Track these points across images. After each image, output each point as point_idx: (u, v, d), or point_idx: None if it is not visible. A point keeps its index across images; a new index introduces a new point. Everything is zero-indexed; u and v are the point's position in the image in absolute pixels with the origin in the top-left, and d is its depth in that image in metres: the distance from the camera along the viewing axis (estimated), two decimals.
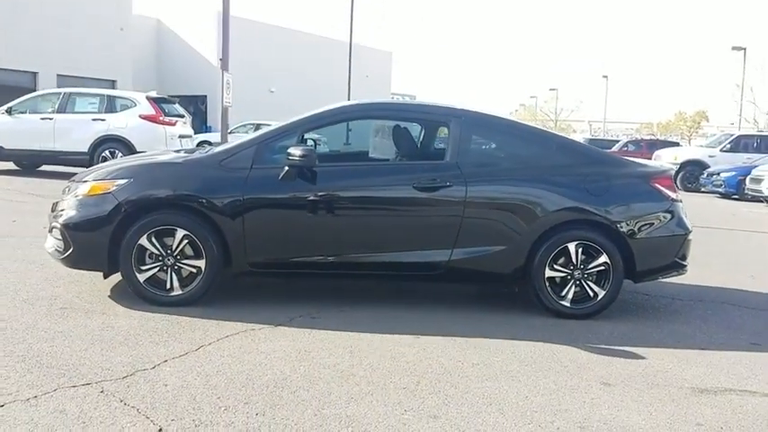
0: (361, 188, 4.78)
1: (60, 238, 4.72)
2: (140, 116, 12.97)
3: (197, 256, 4.64)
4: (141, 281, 4.64)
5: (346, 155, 5.42)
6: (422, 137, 5.36)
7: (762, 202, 18.02)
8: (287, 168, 4.64)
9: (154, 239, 4.61)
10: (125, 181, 4.63)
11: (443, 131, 5.03)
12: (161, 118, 13.07)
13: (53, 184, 12.17)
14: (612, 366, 3.97)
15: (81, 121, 13.00)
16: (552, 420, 3.17)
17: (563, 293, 4.88)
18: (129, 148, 12.88)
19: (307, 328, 4.40)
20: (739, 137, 24.26)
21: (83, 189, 4.71)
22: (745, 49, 47.04)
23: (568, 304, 4.89)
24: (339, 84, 48.19)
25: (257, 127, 26.18)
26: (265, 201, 4.68)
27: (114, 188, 4.62)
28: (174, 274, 4.66)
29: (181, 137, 13.69)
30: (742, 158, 22.06)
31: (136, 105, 13.14)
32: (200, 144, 15.08)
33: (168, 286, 4.66)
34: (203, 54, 40.95)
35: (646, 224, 4.93)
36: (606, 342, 4.44)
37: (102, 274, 4.89)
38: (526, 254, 4.82)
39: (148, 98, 13.28)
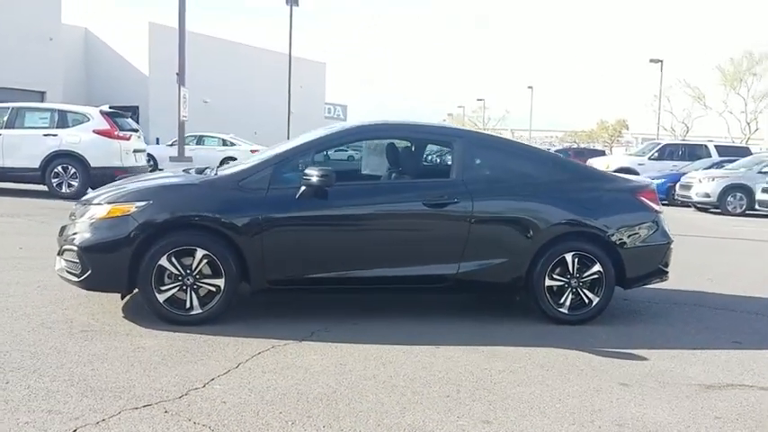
0: (376, 206, 4.99)
1: (77, 260, 4.73)
2: (94, 131, 12.73)
3: (216, 274, 4.74)
4: (161, 301, 4.70)
5: (355, 173, 5.59)
6: (426, 156, 5.61)
7: (690, 207, 19.13)
8: (304, 188, 4.80)
9: (174, 260, 4.68)
10: (144, 203, 4.69)
11: (446, 150, 5.28)
12: (116, 133, 12.86)
13: (7, 202, 11.85)
14: (623, 368, 4.31)
15: (31, 137, 12.66)
16: (592, 420, 3.46)
17: (561, 301, 5.21)
18: (82, 164, 12.64)
19: (329, 342, 4.56)
20: (665, 145, 25.59)
21: (100, 212, 4.73)
22: (661, 61, 49.52)
23: (566, 311, 5.22)
24: (275, 94, 48.06)
25: (199, 139, 25.90)
26: (283, 220, 4.82)
27: (134, 210, 4.67)
28: (193, 293, 4.74)
29: (135, 151, 13.51)
30: (668, 166, 23.34)
31: (89, 120, 12.89)
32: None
33: (188, 305, 4.73)
34: (134, 64, 40.13)
35: (634, 235, 5.33)
36: (606, 345, 4.78)
37: (110, 294, 4.92)
38: (527, 265, 5.12)
39: (102, 112, 13.05)
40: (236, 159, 25.34)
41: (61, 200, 12.38)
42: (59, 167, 12.63)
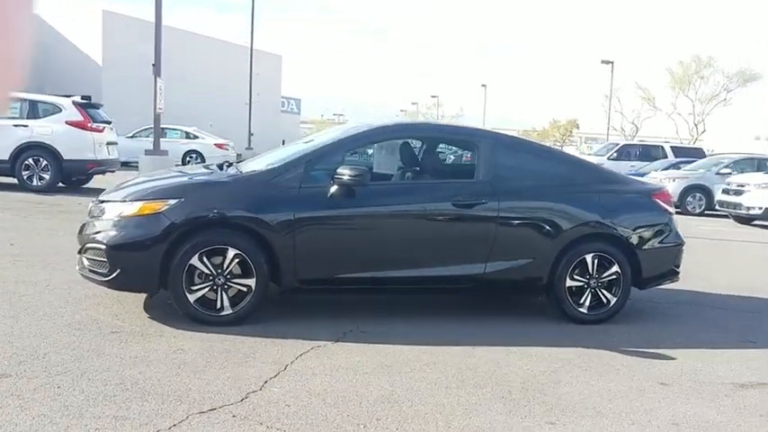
0: (406, 205, 5.00)
1: (104, 259, 4.61)
2: (67, 122, 12.34)
3: (247, 274, 4.68)
4: (192, 301, 4.62)
5: (382, 173, 5.58)
6: (445, 155, 5.65)
7: None
8: (336, 187, 4.78)
9: (205, 259, 4.61)
10: (176, 201, 4.60)
11: (469, 151, 5.32)
12: (89, 125, 12.50)
13: None
14: (656, 368, 4.43)
15: (0, 128, 12.19)
16: (648, 420, 3.55)
17: (581, 301, 5.32)
18: (54, 157, 12.26)
19: (365, 342, 4.55)
20: (624, 146, 26.27)
21: (129, 209, 4.62)
22: (612, 62, 50.73)
23: (585, 311, 5.33)
24: (232, 86, 47.43)
25: (162, 132, 25.27)
26: (316, 219, 4.79)
27: (166, 208, 4.57)
28: (223, 293, 4.67)
29: (108, 144, 13.17)
30: (627, 166, 23.95)
31: (61, 111, 12.49)
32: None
33: (219, 306, 4.67)
34: (88, 53, 39.03)
35: (651, 236, 5.48)
36: (630, 345, 4.90)
37: (128, 294, 4.81)
38: (550, 265, 5.21)
39: (75, 103, 12.66)
40: (199, 153, 24.97)
41: (33, 193, 12.00)
42: (30, 159, 12.22)
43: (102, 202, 4.95)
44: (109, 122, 13.46)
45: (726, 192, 16.88)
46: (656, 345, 4.94)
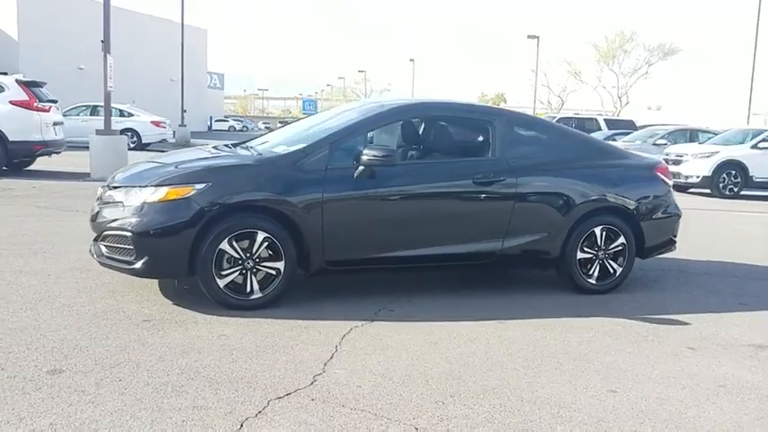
0: (430, 184, 5.03)
1: (129, 246, 4.45)
2: (11, 102, 11.71)
3: (275, 257, 4.62)
4: (221, 286, 4.53)
5: (404, 152, 5.55)
6: (461, 134, 5.67)
7: None
8: (362, 168, 4.76)
9: (235, 243, 4.52)
10: (204, 185, 4.47)
11: (484, 129, 5.38)
12: (35, 104, 11.89)
13: None
14: (678, 333, 4.65)
15: None
16: (696, 383, 3.74)
17: (590, 272, 5.51)
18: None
19: (400, 321, 4.58)
20: (560, 119, 26.91)
21: (155, 194, 4.46)
22: (538, 37, 51.83)
23: (594, 282, 5.53)
24: (156, 61, 45.88)
25: (93, 109, 24.36)
26: (343, 200, 4.76)
27: (194, 192, 4.45)
28: (252, 276, 4.60)
29: (55, 124, 12.58)
30: None
31: (4, 90, 11.83)
32: None
33: (248, 290, 4.60)
34: (2, 28, 36.89)
35: (653, 208, 5.71)
36: (642, 312, 5.11)
37: (142, 280, 4.68)
38: (563, 239, 5.36)
39: (18, 81, 12.02)
40: (135, 131, 24.12)
41: None
42: None
43: (117, 187, 4.77)
44: (55, 101, 12.85)
45: (666, 161, 17.61)
46: (664, 311, 5.17)
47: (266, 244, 4.57)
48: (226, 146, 5.84)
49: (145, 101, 41.06)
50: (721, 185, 15.89)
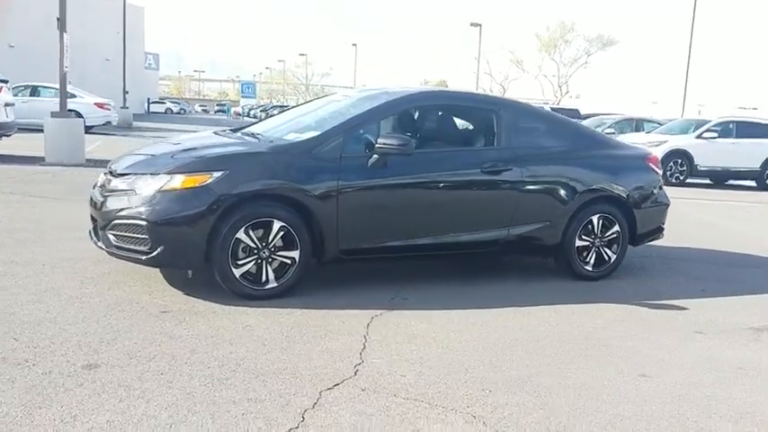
0: (443, 173, 5.05)
1: (144, 235, 4.32)
2: None
3: (290, 246, 4.57)
4: (237, 276, 4.46)
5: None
6: (467, 124, 5.71)
7: None
8: (376, 156, 4.75)
9: (251, 232, 4.45)
10: (221, 173, 4.37)
11: (490, 118, 5.42)
12: None
13: None
14: (681, 318, 4.83)
15: None
16: (718, 366, 3.89)
17: (587, 259, 5.66)
18: None
19: (417, 309, 4.60)
20: None
21: (172, 182, 4.34)
22: (480, 25, 52.39)
23: (591, 268, 5.68)
24: (91, 40, 44.19)
25: (33, 90, 23.38)
26: (358, 188, 4.73)
27: (211, 180, 4.34)
28: (268, 266, 4.54)
29: (6, 105, 12.02)
30: None
31: None
32: None
33: (263, 279, 4.53)
34: None
35: (646, 197, 5.89)
36: (640, 297, 5.26)
37: (144, 269, 4.56)
38: (564, 227, 5.49)
39: None
40: (78, 113, 23.22)
41: None
42: None
43: (124, 175, 4.61)
44: (5, 81, 12.27)
45: None
46: (659, 296, 5.35)
47: (282, 233, 4.51)
48: (224, 132, 5.72)
49: (78, 81, 39.62)
50: (668, 174, 16.45)
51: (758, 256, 7.38)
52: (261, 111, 73.97)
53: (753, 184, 17.39)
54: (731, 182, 17.72)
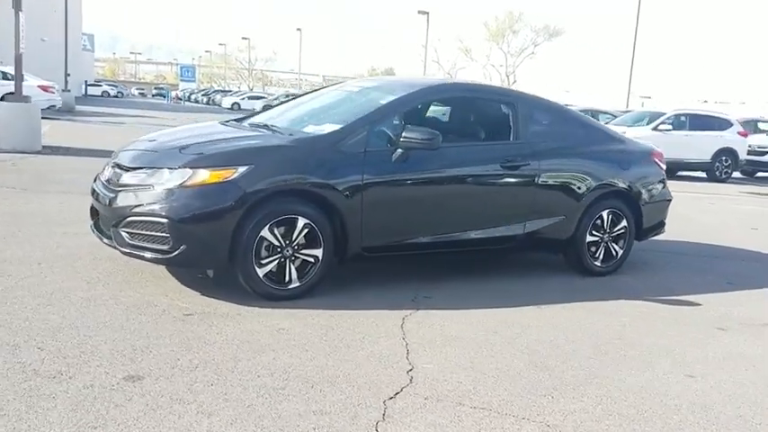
0: (465, 168, 4.94)
1: (165, 234, 4.06)
2: None
3: (313, 244, 4.39)
4: (261, 276, 4.26)
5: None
6: (482, 117, 5.59)
7: None
8: (400, 150, 4.60)
9: (275, 230, 4.25)
10: (246, 168, 4.15)
11: (508, 112, 5.33)
12: None
13: None
14: (699, 314, 4.87)
15: None
16: (752, 364, 3.92)
17: (596, 255, 5.65)
18: None
19: (443, 309, 4.46)
20: None
21: (195, 177, 4.09)
22: (428, 13, 52.48)
23: (600, 264, 5.68)
24: (27, 17, 42.14)
25: None
26: (382, 183, 4.57)
27: (237, 175, 4.12)
28: (291, 265, 4.35)
29: None
30: None
31: None
32: None
33: (287, 279, 4.35)
34: None
35: (651, 192, 5.92)
36: (651, 293, 5.28)
37: (151, 268, 4.33)
38: (576, 222, 5.46)
39: None
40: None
41: None
42: None
43: (136, 169, 4.33)
44: None
45: None
46: (669, 292, 5.37)
47: (306, 230, 4.32)
48: (229, 123, 5.46)
49: (12, 62, 37.79)
50: None
51: (749, 250, 7.53)
52: (203, 95, 72.61)
53: (703, 175, 17.91)
54: (681, 173, 18.21)
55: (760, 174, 19.78)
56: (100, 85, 75.56)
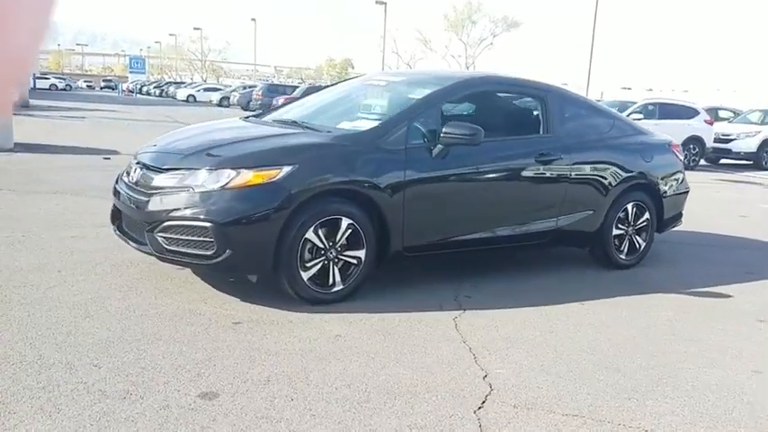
0: (503, 163, 4.84)
1: (209, 239, 3.86)
2: None
3: (356, 245, 4.24)
4: (305, 279, 4.09)
5: None
6: (513, 110, 5.49)
7: None
8: (441, 146, 4.47)
9: (320, 232, 4.08)
10: (291, 167, 3.97)
11: (539, 105, 5.24)
12: None
13: None
14: (732, 306, 4.86)
15: None
16: None
17: (621, 248, 5.63)
18: None
19: (488, 309, 4.36)
20: None
21: (238, 178, 3.88)
22: (386, 3, 52.33)
23: (624, 257, 5.66)
24: None
25: None
26: (425, 180, 4.44)
27: (281, 176, 3.93)
28: (334, 267, 4.20)
29: None
30: None
31: None
32: None
33: (330, 282, 4.19)
34: None
35: (672, 184, 5.91)
36: (679, 286, 5.26)
37: (176, 272, 4.13)
38: (603, 216, 5.42)
39: None
40: None
41: None
42: None
43: (170, 170, 4.10)
44: None
45: None
46: (695, 285, 5.38)
47: (349, 231, 4.17)
48: (251, 119, 5.25)
49: None
50: None
51: (748, 238, 7.60)
52: (155, 87, 70.83)
53: None
54: None
55: (723, 161, 20.23)
56: (47, 78, 73.19)
